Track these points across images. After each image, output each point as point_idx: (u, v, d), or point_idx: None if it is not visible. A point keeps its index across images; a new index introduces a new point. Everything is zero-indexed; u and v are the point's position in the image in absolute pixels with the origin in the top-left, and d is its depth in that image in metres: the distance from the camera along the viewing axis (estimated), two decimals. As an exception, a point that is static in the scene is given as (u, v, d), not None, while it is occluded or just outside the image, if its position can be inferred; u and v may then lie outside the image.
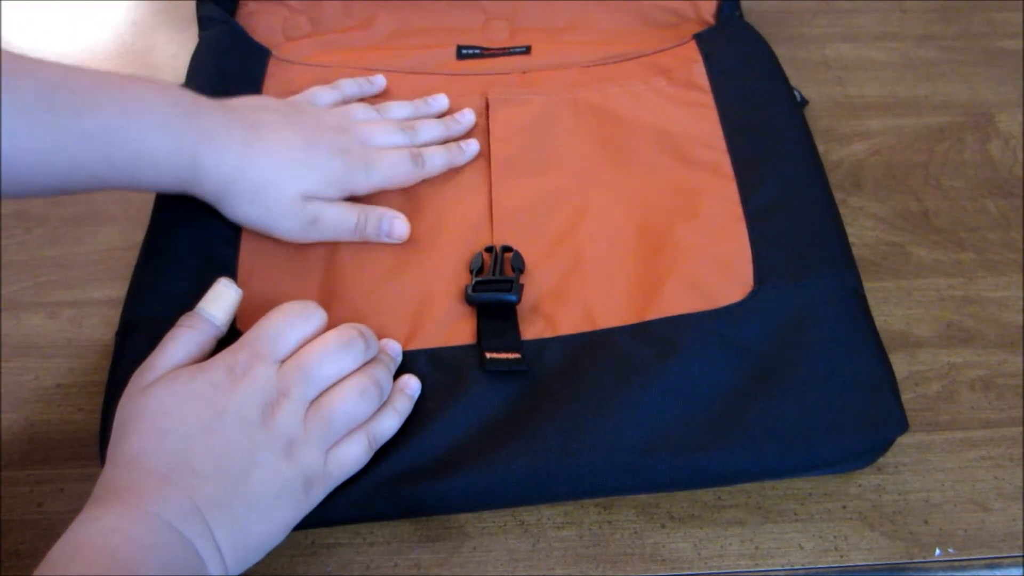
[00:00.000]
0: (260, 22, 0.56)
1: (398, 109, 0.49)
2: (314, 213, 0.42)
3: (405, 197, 0.46)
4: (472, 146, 0.48)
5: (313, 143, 0.42)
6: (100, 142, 0.37)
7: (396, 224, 0.44)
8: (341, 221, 0.43)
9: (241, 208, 0.42)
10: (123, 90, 0.38)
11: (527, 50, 0.55)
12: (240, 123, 0.41)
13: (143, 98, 0.38)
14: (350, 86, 0.50)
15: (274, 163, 0.41)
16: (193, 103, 0.40)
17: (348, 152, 0.43)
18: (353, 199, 0.44)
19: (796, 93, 0.52)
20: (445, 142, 0.48)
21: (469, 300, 0.42)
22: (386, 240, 0.44)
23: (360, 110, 0.47)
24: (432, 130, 0.48)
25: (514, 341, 0.40)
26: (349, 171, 0.43)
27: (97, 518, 0.31)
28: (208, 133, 0.39)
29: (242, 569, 0.34)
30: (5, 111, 0.34)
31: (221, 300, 0.38)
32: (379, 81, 0.51)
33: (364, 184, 0.44)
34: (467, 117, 0.49)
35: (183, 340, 0.36)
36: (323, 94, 0.49)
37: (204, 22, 0.53)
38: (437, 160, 0.46)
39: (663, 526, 0.39)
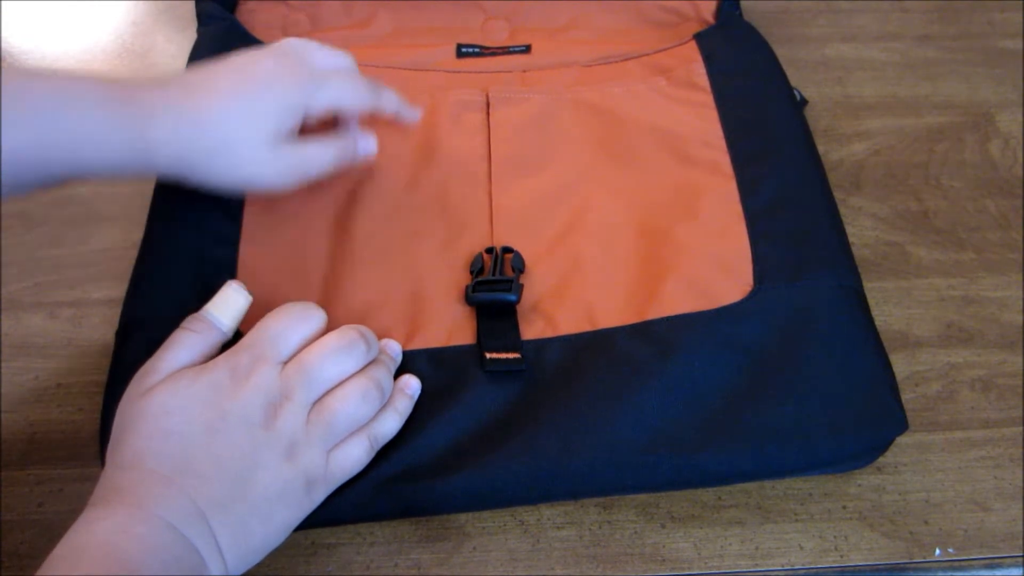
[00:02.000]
0: (259, 20, 0.56)
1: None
2: (297, 155, 0.41)
3: (405, 197, 0.46)
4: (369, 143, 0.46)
5: (252, 76, 0.40)
6: (36, 126, 0.36)
7: (368, 142, 0.45)
8: (322, 155, 0.42)
9: (214, 172, 0.40)
10: (53, 78, 0.37)
11: (527, 49, 0.55)
12: (176, 87, 0.39)
13: (75, 82, 0.37)
14: None
15: (228, 112, 0.39)
16: (129, 81, 0.39)
17: (291, 70, 0.41)
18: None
19: (796, 93, 0.52)
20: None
21: (469, 300, 0.42)
22: (362, 161, 0.45)
23: (299, 40, 0.44)
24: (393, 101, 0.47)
25: (514, 341, 0.40)
26: (299, 89, 0.41)
27: (99, 519, 0.31)
28: (148, 103, 0.38)
29: (243, 569, 0.34)
30: None
31: (230, 305, 0.37)
32: None
33: (318, 98, 0.42)
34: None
35: (187, 343, 0.36)
36: None
37: (203, 19, 0.53)
38: (393, 97, 0.46)
39: (663, 526, 0.39)
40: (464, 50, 0.55)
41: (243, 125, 0.39)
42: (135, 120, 0.37)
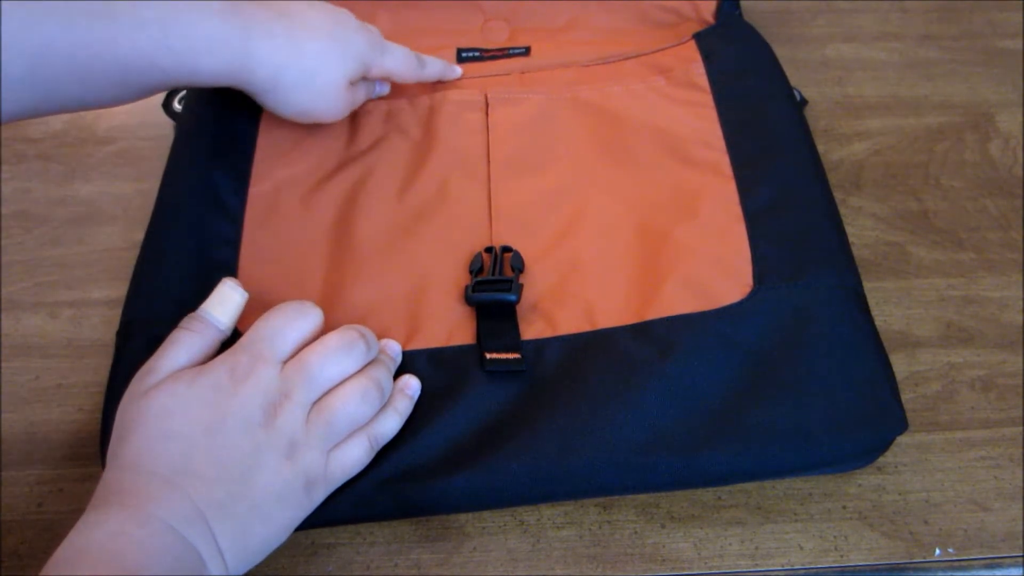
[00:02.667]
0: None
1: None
2: (352, 93, 0.47)
3: (404, 197, 0.46)
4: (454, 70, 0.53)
5: (343, 22, 0.46)
6: (156, 28, 0.38)
7: (385, 86, 0.51)
8: (360, 95, 0.49)
9: (290, 97, 0.44)
10: None
11: (526, 51, 0.55)
12: (276, 11, 0.43)
13: None
14: None
15: (320, 49, 0.44)
16: None
17: (369, 30, 0.47)
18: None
19: (796, 93, 0.52)
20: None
21: (469, 300, 0.42)
22: (377, 96, 0.51)
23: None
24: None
25: (514, 341, 0.40)
26: (371, 48, 0.47)
27: (101, 522, 0.31)
28: (255, 22, 0.42)
29: (244, 570, 0.34)
30: (65, 2, 0.36)
31: (226, 303, 0.37)
32: None
33: (378, 63, 0.47)
34: None
35: (185, 343, 0.36)
36: None
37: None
38: (435, 65, 0.51)
39: (663, 526, 0.39)
40: (464, 55, 0.55)
41: (329, 62, 0.44)
42: (244, 32, 0.41)
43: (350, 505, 0.37)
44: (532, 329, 0.41)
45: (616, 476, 0.37)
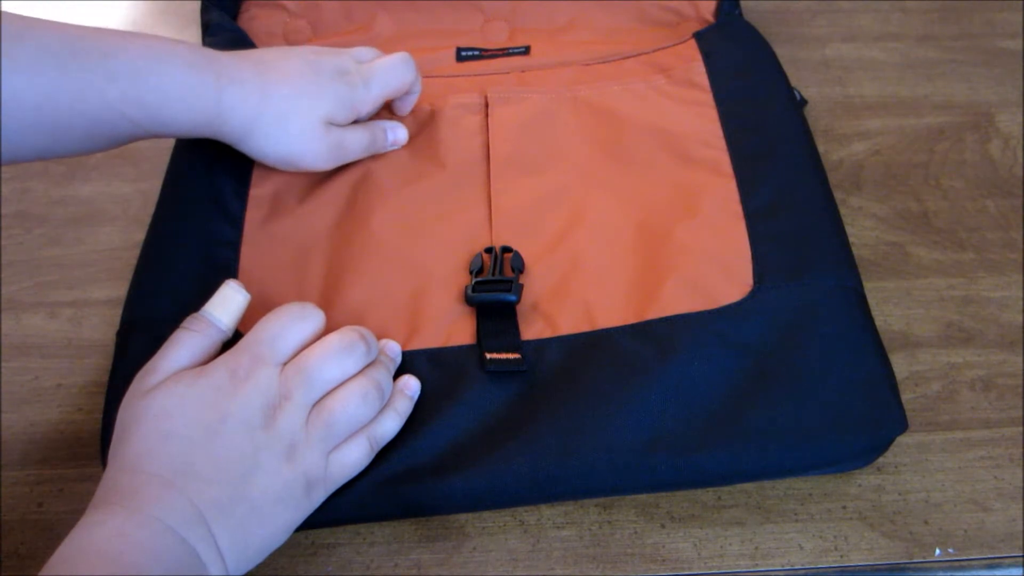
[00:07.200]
0: (260, 26, 0.56)
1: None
2: (337, 138, 0.45)
3: (403, 198, 0.46)
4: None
5: (318, 69, 0.44)
6: (127, 81, 0.38)
7: (398, 131, 0.49)
8: (358, 141, 0.46)
9: (267, 143, 0.43)
10: (143, 37, 0.40)
11: (526, 50, 0.55)
12: (250, 61, 0.43)
13: (162, 43, 0.40)
14: None
15: (292, 93, 0.43)
16: (207, 49, 0.42)
17: (348, 72, 0.45)
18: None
19: (796, 93, 0.52)
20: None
21: (469, 300, 0.42)
22: (392, 148, 0.48)
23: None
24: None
25: (514, 341, 0.40)
26: (352, 89, 0.45)
27: (100, 523, 0.31)
28: (226, 71, 0.41)
29: (243, 571, 0.34)
30: (33, 54, 0.36)
31: (228, 304, 0.37)
32: None
33: (366, 98, 0.46)
34: None
35: (187, 343, 0.36)
36: None
37: (210, 29, 0.53)
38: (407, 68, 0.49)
39: (663, 526, 0.39)
40: (464, 54, 0.55)
41: (301, 105, 0.43)
42: (215, 83, 0.41)
43: (350, 505, 0.37)
44: (532, 329, 0.41)
45: (616, 476, 0.37)
